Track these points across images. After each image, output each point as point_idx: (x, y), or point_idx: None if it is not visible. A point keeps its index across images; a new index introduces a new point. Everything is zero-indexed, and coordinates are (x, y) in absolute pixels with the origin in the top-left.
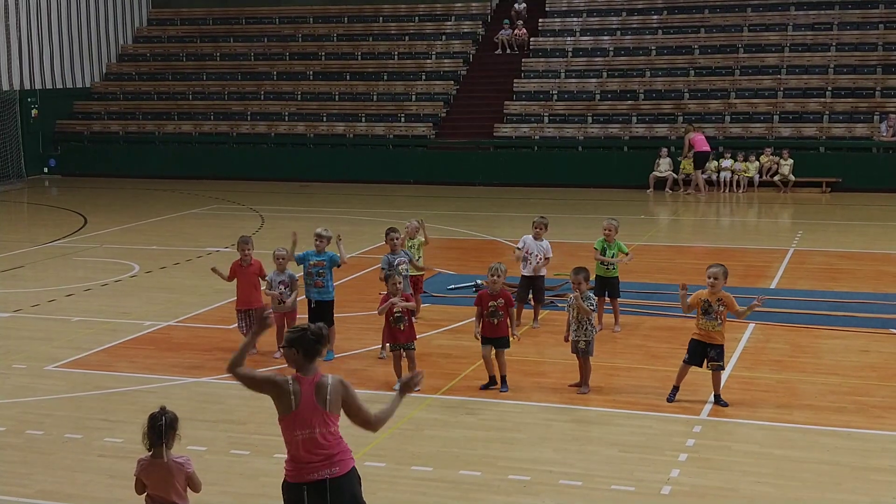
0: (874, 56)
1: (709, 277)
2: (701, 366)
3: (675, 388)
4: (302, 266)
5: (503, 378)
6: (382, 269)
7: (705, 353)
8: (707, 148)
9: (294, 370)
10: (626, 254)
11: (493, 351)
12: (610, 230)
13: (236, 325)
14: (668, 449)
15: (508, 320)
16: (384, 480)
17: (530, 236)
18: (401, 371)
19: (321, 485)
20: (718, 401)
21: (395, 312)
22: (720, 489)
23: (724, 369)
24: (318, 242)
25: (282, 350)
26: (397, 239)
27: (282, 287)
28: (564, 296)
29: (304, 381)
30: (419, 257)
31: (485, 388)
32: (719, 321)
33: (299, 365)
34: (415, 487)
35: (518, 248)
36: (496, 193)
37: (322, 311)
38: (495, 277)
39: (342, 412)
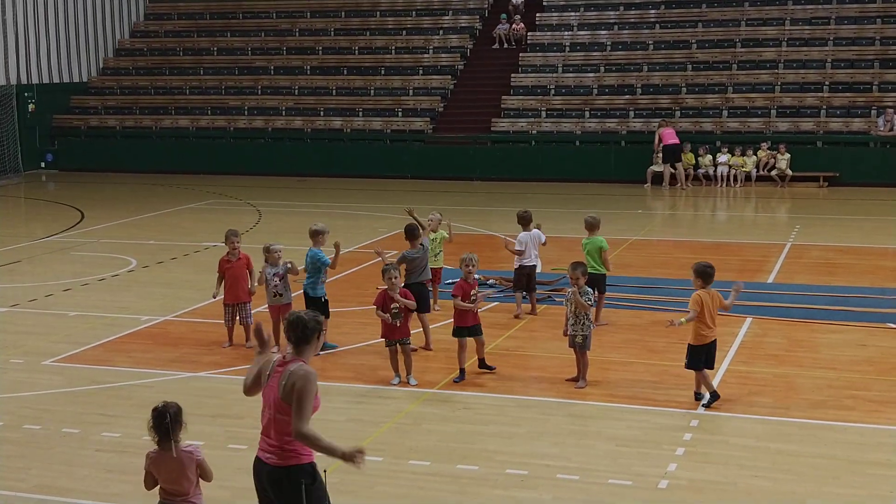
0: (872, 50)
1: None
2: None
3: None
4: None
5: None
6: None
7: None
8: (675, 141)
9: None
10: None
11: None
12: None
13: (223, 320)
14: (665, 443)
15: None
16: (382, 475)
17: (525, 233)
18: (398, 366)
19: (261, 465)
20: (698, 397)
21: (392, 308)
22: (717, 483)
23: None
24: (319, 238)
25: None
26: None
27: (276, 280)
28: (562, 290)
29: (282, 364)
30: (439, 251)
31: (458, 380)
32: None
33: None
34: (413, 481)
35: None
36: (493, 188)
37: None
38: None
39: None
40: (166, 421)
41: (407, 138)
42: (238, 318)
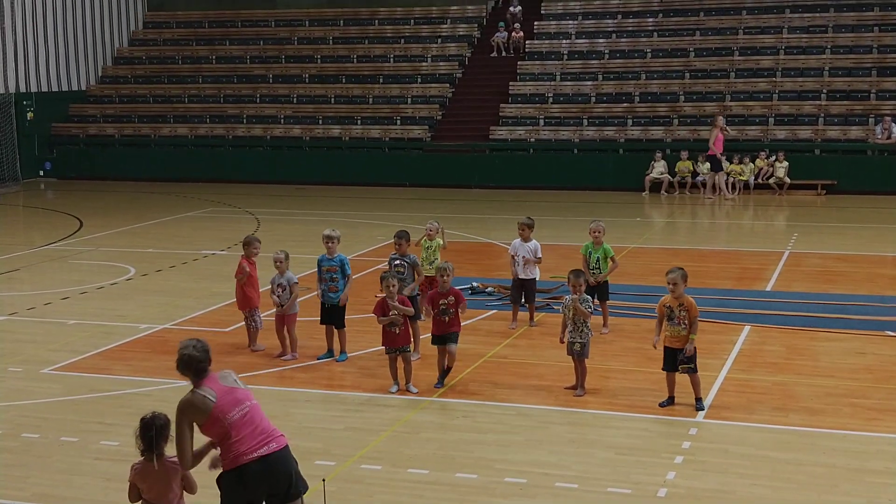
0: (869, 59)
1: (668, 283)
2: (675, 370)
3: (671, 398)
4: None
5: (447, 370)
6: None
7: (676, 357)
8: (713, 152)
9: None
10: (613, 259)
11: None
12: (598, 232)
13: (243, 322)
14: (664, 451)
15: (458, 315)
16: (380, 483)
17: (518, 240)
18: (396, 373)
19: (264, 460)
20: (697, 404)
21: (391, 312)
22: (716, 491)
23: (695, 371)
24: (329, 244)
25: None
26: (401, 245)
27: (279, 290)
28: (560, 298)
29: (206, 381)
30: (435, 259)
31: (439, 385)
32: (683, 326)
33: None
34: (411, 490)
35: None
36: (492, 196)
37: (333, 313)
38: (445, 277)
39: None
40: (151, 433)
41: (405, 146)
42: (251, 321)
